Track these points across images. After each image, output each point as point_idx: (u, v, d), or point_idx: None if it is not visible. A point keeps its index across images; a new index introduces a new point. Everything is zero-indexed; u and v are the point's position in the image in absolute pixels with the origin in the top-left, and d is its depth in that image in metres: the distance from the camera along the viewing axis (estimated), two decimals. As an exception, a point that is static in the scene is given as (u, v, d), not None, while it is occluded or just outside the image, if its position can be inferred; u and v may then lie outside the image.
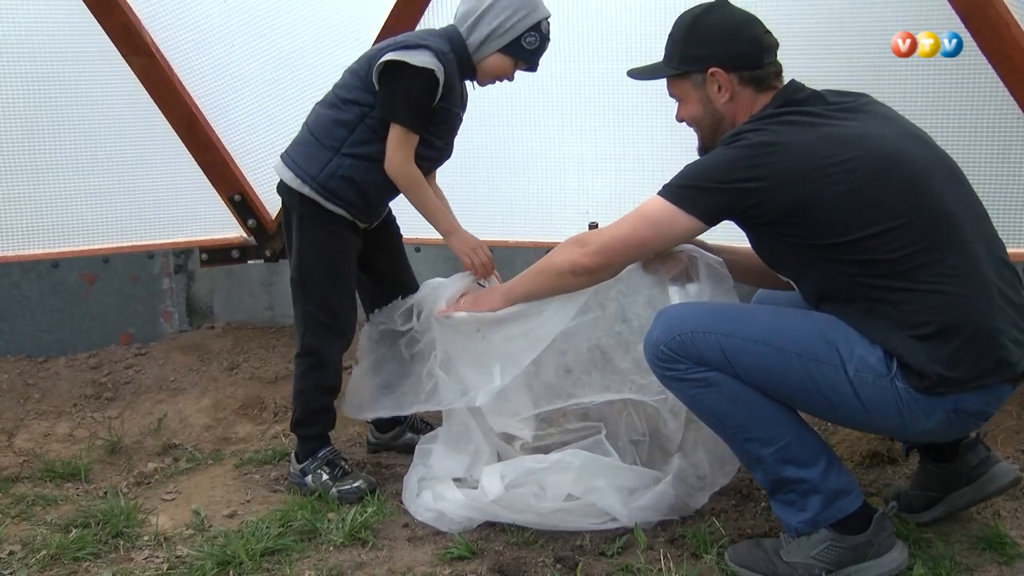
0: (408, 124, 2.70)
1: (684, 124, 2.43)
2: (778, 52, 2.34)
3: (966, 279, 2.08)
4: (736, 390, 2.18)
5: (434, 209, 2.82)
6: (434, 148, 2.84)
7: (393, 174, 2.74)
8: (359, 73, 2.76)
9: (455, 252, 2.84)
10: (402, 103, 2.68)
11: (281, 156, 2.86)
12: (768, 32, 2.33)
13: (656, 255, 2.50)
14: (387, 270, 3.04)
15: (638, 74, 2.45)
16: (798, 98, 2.25)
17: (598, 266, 2.35)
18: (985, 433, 2.74)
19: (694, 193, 2.19)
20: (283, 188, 2.84)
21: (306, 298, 2.85)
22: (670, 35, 2.39)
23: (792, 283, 2.33)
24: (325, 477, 2.84)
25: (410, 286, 3.02)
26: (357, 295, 2.96)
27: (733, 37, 2.30)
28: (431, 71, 2.64)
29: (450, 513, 2.58)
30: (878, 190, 2.10)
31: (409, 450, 2.94)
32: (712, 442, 2.51)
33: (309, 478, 2.86)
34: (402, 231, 3.10)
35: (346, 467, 2.89)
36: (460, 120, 2.89)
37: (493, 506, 2.54)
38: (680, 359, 2.19)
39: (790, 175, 2.11)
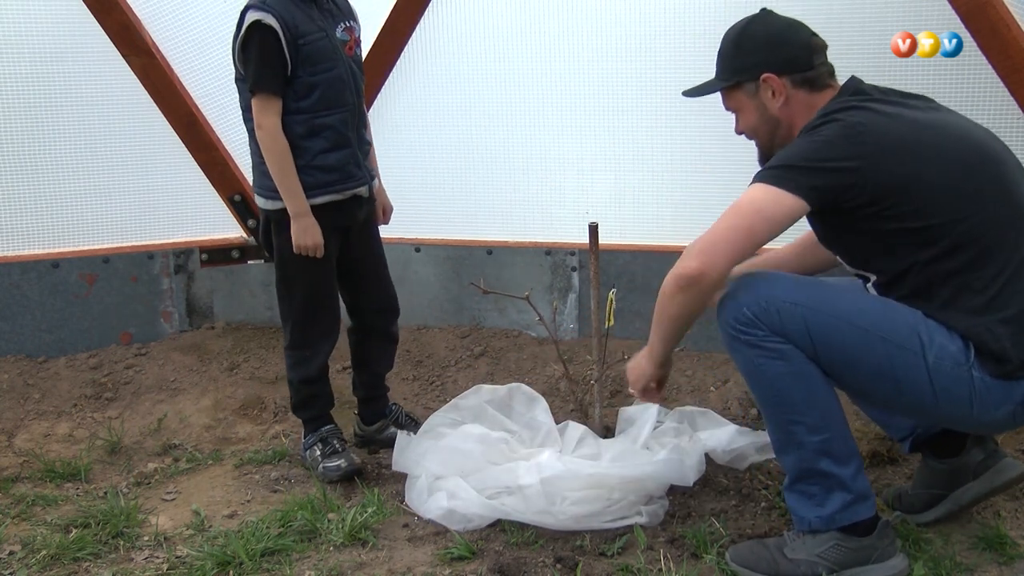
0: (257, 87, 2.68)
1: (743, 137, 2.42)
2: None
3: None
4: (804, 370, 2.16)
5: (291, 184, 2.73)
6: (326, 84, 2.74)
7: (260, 138, 2.72)
8: (237, 78, 2.81)
9: (292, 232, 2.75)
10: (252, 72, 2.68)
11: (252, 191, 2.95)
12: (815, 35, 2.33)
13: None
14: (364, 275, 3.04)
15: (693, 93, 2.44)
16: (866, 88, 2.26)
17: (703, 267, 2.11)
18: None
19: (795, 173, 2.11)
20: (263, 215, 2.91)
21: (291, 296, 2.92)
22: (719, 51, 2.39)
23: (872, 276, 2.28)
24: (317, 453, 2.96)
25: (385, 296, 3.08)
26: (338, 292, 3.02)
27: (781, 42, 2.31)
28: (256, 21, 2.64)
29: (462, 510, 2.58)
30: (969, 176, 2.13)
31: (391, 444, 2.94)
32: None
33: (308, 452, 2.99)
34: (402, 230, 3.09)
35: (337, 446, 2.96)
36: (335, 40, 2.76)
37: (506, 506, 2.55)
38: (760, 325, 2.16)
39: (888, 155, 2.11)
